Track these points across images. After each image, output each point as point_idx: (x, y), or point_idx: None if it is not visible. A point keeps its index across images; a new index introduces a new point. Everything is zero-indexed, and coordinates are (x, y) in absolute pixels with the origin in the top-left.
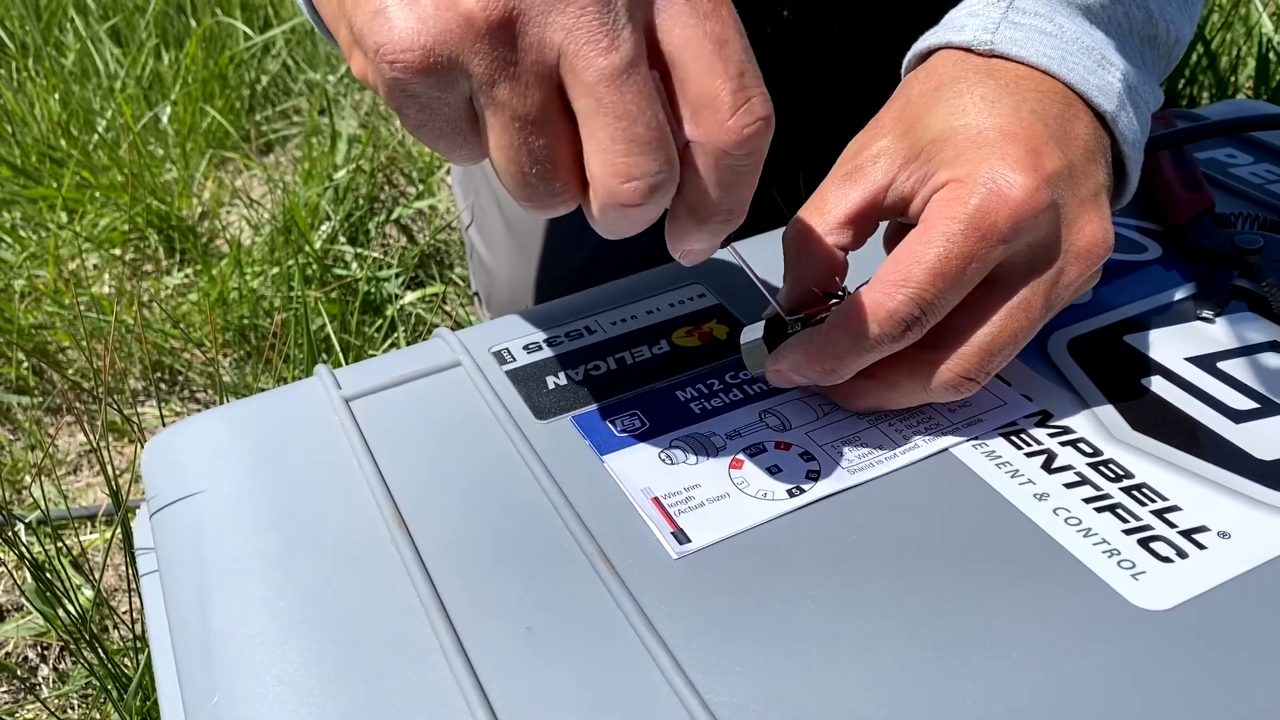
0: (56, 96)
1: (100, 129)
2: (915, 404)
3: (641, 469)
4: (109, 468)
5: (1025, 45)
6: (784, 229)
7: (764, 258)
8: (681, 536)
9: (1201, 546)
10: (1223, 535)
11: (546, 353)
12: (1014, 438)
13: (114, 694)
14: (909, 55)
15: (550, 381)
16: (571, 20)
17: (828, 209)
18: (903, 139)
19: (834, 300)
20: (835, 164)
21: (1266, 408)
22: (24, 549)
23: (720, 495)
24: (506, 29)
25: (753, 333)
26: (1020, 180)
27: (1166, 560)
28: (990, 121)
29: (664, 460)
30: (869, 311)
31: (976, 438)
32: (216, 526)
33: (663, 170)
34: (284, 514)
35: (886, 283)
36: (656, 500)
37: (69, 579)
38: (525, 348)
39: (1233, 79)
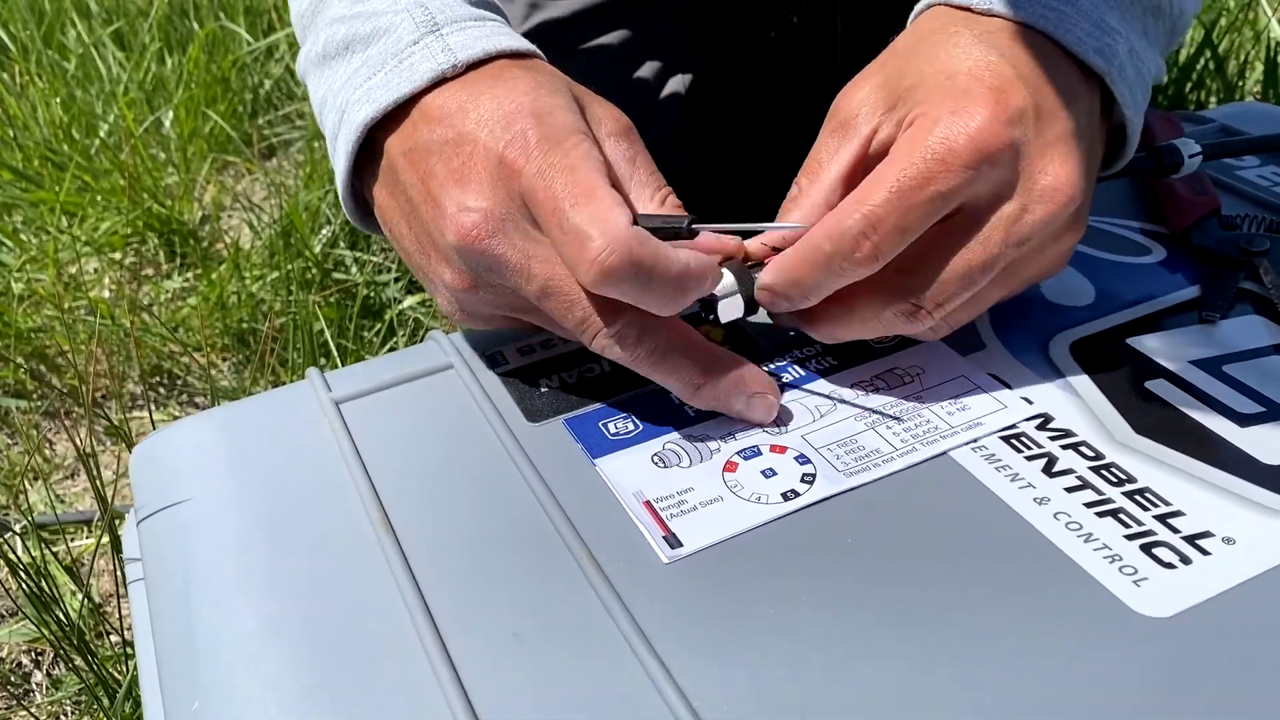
0: (58, 100)
1: (102, 133)
2: (874, 334)
3: (634, 472)
4: (97, 475)
5: (1023, 6)
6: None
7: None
8: (673, 540)
9: (1205, 552)
10: (1227, 541)
11: (540, 355)
12: (1014, 441)
13: (104, 701)
14: (911, 15)
15: (543, 384)
16: None
17: (823, 170)
18: (882, 89)
19: None
20: (825, 119)
21: (1272, 411)
22: (15, 554)
23: (713, 499)
24: None
25: (727, 285)
26: (982, 113)
27: (1169, 566)
28: (962, 65)
29: (656, 463)
30: (825, 231)
31: (976, 441)
32: (202, 532)
33: None
34: (269, 519)
35: (847, 203)
36: (648, 504)
37: (61, 585)
38: (519, 350)
39: (1240, 83)
